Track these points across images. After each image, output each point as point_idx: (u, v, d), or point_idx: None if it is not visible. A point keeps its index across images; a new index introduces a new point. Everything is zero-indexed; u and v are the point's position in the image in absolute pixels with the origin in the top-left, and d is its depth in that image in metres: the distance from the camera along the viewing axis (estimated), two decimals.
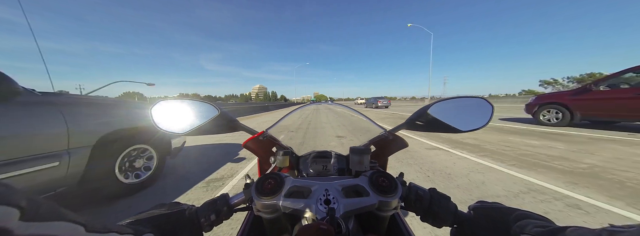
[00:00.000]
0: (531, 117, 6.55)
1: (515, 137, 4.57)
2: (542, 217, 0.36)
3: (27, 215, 0.18)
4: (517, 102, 24.12)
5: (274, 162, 0.71)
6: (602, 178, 2.27)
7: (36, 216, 0.19)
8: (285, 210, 0.43)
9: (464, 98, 0.59)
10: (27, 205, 0.18)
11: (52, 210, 0.21)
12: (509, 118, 8.41)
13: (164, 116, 0.60)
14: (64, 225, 0.21)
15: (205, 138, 5.08)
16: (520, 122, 6.97)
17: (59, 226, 0.20)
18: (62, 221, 0.21)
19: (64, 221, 0.21)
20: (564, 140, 4.18)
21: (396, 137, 0.68)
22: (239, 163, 3.13)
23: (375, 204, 0.43)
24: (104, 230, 0.26)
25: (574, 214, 1.65)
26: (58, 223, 0.20)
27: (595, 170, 2.53)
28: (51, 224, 0.20)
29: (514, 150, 3.51)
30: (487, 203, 0.44)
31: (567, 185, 2.13)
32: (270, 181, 0.46)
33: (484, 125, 0.56)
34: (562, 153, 3.24)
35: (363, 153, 0.62)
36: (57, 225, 0.20)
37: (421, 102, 40.43)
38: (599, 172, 2.45)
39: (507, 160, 2.98)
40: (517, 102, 23.85)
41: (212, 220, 0.45)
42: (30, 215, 0.18)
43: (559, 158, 3.00)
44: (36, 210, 0.19)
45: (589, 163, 2.77)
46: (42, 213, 0.20)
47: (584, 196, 1.91)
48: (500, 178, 2.35)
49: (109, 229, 0.27)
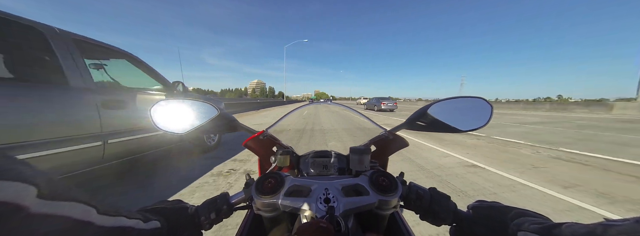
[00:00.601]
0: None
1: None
2: (538, 215, 0.36)
3: (43, 193, 0.18)
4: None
5: (274, 161, 0.71)
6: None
7: (52, 195, 0.19)
8: (285, 208, 0.43)
9: (463, 99, 0.59)
10: (44, 183, 0.19)
11: (67, 190, 0.21)
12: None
13: (164, 116, 0.60)
14: (77, 206, 0.22)
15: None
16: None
17: (72, 207, 0.21)
18: (75, 202, 0.22)
19: (78, 202, 0.22)
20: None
21: (396, 136, 0.68)
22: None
23: (374, 203, 0.44)
24: (114, 213, 0.26)
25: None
26: (72, 204, 0.21)
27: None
28: (65, 204, 0.20)
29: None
30: (486, 202, 0.44)
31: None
32: (270, 180, 0.47)
33: (484, 125, 0.56)
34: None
35: (363, 153, 0.62)
36: (70, 205, 0.21)
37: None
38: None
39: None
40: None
41: (212, 218, 0.45)
42: (47, 194, 0.19)
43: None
44: (53, 189, 0.20)
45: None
46: (58, 192, 0.20)
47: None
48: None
49: (119, 213, 0.27)
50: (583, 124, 8.23)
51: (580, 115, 13.20)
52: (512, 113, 15.91)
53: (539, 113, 15.26)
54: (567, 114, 14.35)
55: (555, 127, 7.41)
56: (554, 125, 7.79)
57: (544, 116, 12.76)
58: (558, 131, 6.41)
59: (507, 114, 14.35)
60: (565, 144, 4.46)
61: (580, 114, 14.24)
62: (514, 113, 15.97)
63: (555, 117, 12.24)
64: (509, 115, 13.78)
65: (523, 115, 13.93)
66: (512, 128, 6.91)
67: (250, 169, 2.82)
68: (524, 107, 20.88)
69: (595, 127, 7.25)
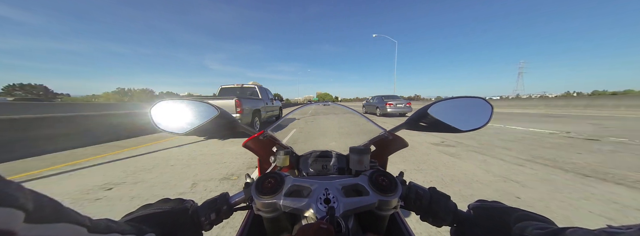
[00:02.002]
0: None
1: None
2: (543, 218, 0.35)
3: (31, 217, 0.18)
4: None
5: (274, 161, 0.71)
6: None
7: (40, 218, 0.19)
8: (285, 209, 0.43)
9: (463, 99, 0.59)
10: (32, 206, 0.18)
11: (55, 211, 0.21)
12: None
13: (164, 116, 0.60)
14: (66, 227, 0.21)
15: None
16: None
17: (62, 228, 0.21)
18: (65, 222, 0.21)
19: (67, 223, 0.21)
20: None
21: (396, 137, 0.68)
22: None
23: (374, 203, 0.43)
24: (106, 230, 0.26)
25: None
26: (61, 225, 0.21)
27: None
28: (54, 225, 0.20)
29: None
30: (487, 203, 0.44)
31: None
32: (270, 180, 0.46)
33: (484, 125, 0.56)
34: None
35: (363, 152, 0.62)
36: (60, 226, 0.20)
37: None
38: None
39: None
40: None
41: (212, 218, 0.45)
42: (35, 217, 0.18)
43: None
44: (41, 211, 0.19)
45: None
46: (46, 214, 0.20)
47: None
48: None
49: (112, 229, 0.27)
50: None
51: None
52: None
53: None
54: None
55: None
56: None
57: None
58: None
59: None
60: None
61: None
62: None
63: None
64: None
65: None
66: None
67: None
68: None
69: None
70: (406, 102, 11.83)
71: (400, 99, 12.30)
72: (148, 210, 0.40)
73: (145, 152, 4.48)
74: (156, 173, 3.08)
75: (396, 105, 11.52)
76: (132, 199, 2.27)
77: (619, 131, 5.68)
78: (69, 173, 3.19)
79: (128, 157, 4.10)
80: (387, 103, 11.60)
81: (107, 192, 2.46)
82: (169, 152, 4.45)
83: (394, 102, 11.66)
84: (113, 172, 3.18)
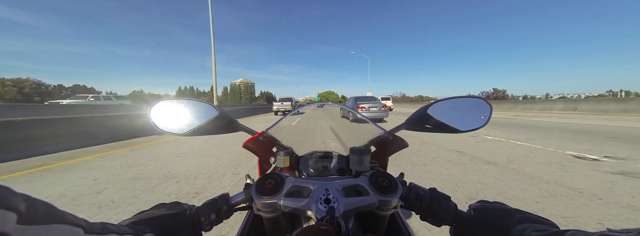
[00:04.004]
0: None
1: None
2: (545, 220, 0.35)
3: (24, 218, 0.18)
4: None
5: (274, 162, 0.71)
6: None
7: (33, 220, 0.19)
8: (286, 209, 0.43)
9: (463, 99, 0.59)
10: (25, 208, 0.18)
11: (49, 213, 0.20)
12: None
13: (164, 116, 0.59)
14: (61, 228, 0.21)
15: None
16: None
17: (56, 229, 0.20)
18: (59, 223, 0.21)
19: (62, 224, 0.21)
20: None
21: (396, 137, 0.68)
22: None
23: (375, 203, 0.43)
24: (103, 231, 0.25)
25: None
26: (56, 226, 0.20)
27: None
28: (49, 227, 0.20)
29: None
30: (488, 203, 0.44)
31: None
32: (270, 181, 0.46)
33: (483, 125, 0.56)
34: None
35: (363, 153, 0.62)
36: (54, 227, 0.20)
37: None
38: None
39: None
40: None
41: (212, 219, 0.45)
42: (28, 218, 0.18)
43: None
44: (34, 213, 0.19)
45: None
46: (40, 216, 0.19)
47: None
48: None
49: (109, 230, 0.26)
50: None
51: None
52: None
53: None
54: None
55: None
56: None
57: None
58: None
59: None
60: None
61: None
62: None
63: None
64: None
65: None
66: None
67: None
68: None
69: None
70: (381, 104, 9.96)
71: (377, 101, 10.22)
72: (144, 213, 0.40)
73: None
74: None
75: (369, 108, 9.47)
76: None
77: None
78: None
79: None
80: (359, 106, 9.49)
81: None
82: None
83: (367, 104, 9.62)
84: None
